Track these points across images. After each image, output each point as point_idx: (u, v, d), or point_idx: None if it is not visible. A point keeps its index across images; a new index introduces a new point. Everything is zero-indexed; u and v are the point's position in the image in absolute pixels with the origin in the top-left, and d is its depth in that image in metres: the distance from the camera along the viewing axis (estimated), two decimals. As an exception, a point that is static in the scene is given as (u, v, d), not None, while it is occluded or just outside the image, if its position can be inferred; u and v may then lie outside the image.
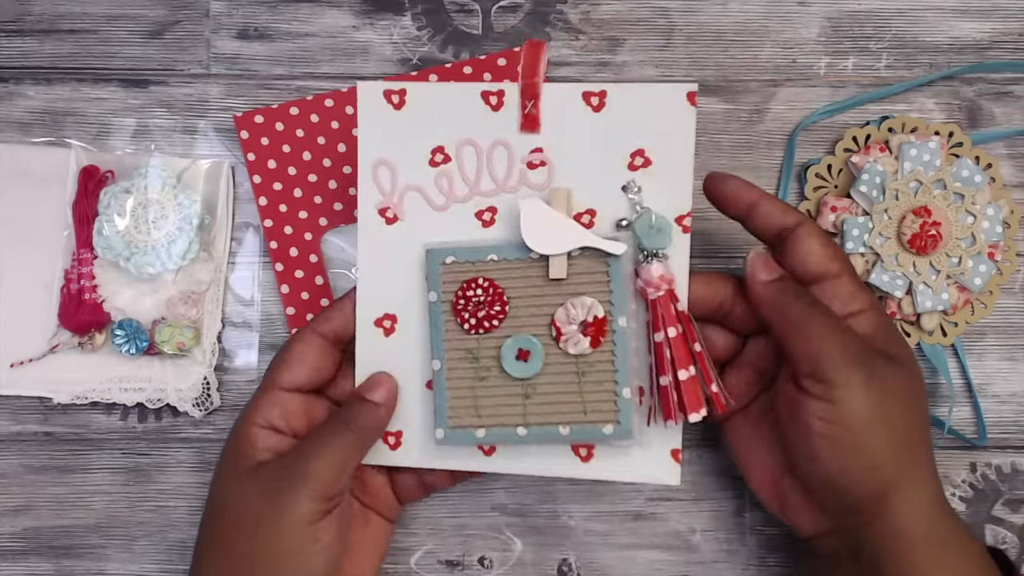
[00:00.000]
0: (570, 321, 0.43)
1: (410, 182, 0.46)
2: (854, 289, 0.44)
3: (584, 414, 0.43)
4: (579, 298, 0.43)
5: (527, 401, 0.44)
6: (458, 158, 0.45)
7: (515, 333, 0.44)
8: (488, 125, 0.45)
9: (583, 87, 0.44)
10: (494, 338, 0.44)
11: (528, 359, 0.43)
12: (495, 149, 0.45)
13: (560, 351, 0.43)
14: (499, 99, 0.44)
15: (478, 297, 0.43)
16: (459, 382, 0.44)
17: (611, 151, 0.44)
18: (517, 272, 0.43)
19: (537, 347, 0.43)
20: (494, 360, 0.44)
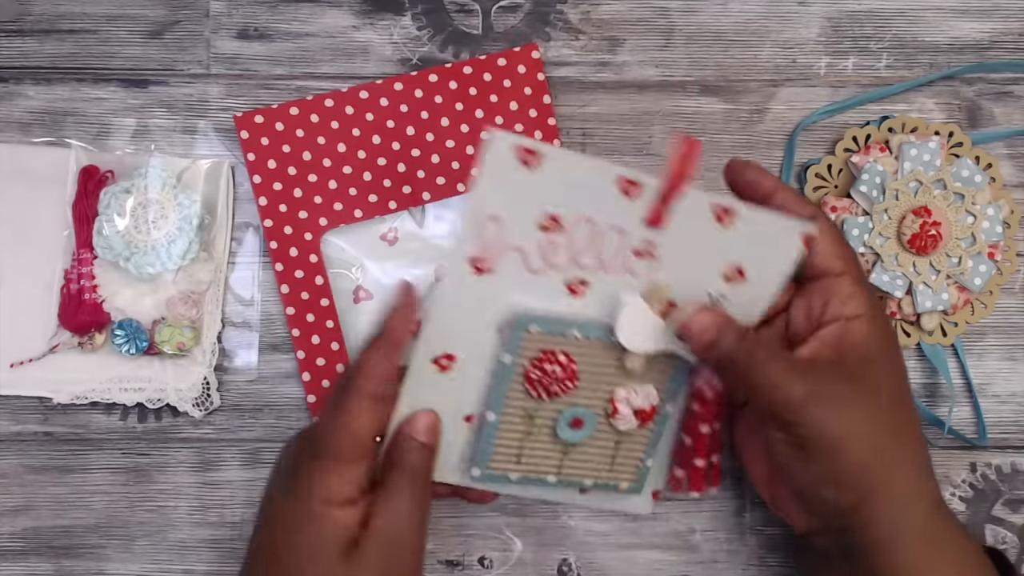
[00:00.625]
0: (629, 404, 0.44)
1: (515, 242, 0.42)
2: (854, 291, 0.44)
3: (609, 471, 0.46)
4: (644, 387, 0.44)
5: (564, 457, 0.45)
6: (571, 231, 0.42)
7: (575, 403, 0.44)
8: (614, 210, 0.42)
9: (715, 199, 0.43)
10: (554, 404, 0.44)
11: (581, 427, 0.44)
12: (611, 232, 0.43)
13: (609, 424, 0.45)
14: (636, 190, 0.42)
15: (555, 372, 0.43)
16: (508, 435, 0.44)
17: (715, 260, 0.44)
18: (594, 350, 0.43)
19: (591, 419, 0.44)
20: (548, 422, 0.44)
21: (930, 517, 0.43)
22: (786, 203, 0.44)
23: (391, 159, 0.53)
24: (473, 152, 0.53)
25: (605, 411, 0.44)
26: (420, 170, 0.53)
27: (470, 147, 0.53)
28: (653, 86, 0.54)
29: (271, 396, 0.54)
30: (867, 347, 0.43)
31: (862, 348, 0.43)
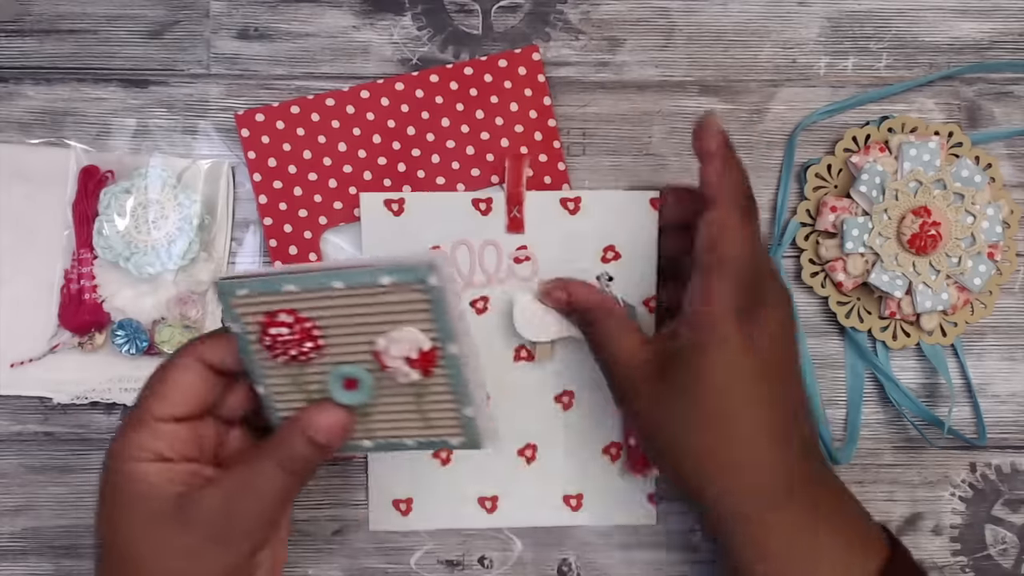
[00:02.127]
0: (392, 355, 0.39)
1: None
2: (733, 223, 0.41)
3: (427, 428, 0.41)
4: (400, 329, 0.38)
5: (367, 419, 0.41)
6: (453, 256, 0.52)
7: (337, 362, 0.40)
8: (479, 228, 0.52)
9: (560, 194, 0.52)
10: (315, 367, 0.40)
11: (357, 387, 0.40)
12: (486, 248, 0.52)
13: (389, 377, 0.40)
14: (488, 206, 0.52)
15: (283, 336, 0.39)
16: (289, 403, 0.41)
17: (586, 247, 0.52)
18: (323, 303, 0.39)
19: (365, 376, 0.40)
20: (322, 388, 0.40)
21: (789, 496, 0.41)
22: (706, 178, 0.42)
23: (391, 159, 0.53)
24: (474, 153, 0.53)
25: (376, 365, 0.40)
26: (420, 170, 0.53)
27: (470, 148, 0.53)
28: (653, 86, 0.54)
29: (271, 396, 0.53)
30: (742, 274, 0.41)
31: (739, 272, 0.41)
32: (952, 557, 0.54)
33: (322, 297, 0.38)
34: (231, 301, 0.39)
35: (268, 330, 0.39)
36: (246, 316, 0.39)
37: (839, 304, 0.53)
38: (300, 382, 0.40)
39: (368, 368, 0.39)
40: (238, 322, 0.39)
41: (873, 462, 0.54)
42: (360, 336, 0.39)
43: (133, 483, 0.39)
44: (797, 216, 0.53)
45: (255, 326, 0.39)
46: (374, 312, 0.38)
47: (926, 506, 0.54)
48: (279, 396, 0.41)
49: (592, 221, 0.52)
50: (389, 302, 0.38)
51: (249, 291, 0.39)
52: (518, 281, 0.52)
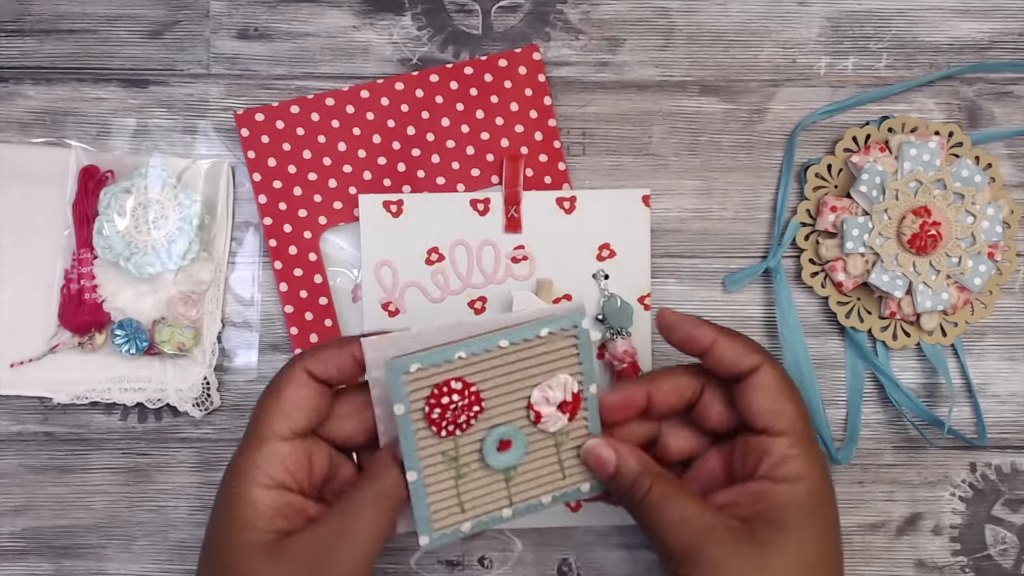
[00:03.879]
0: (549, 403, 0.42)
1: (409, 279, 0.52)
2: (791, 454, 0.41)
3: (563, 479, 0.43)
4: (554, 377, 0.41)
5: (510, 484, 0.42)
6: (451, 257, 0.52)
7: (492, 425, 0.41)
8: (477, 228, 0.52)
9: (556, 194, 0.52)
10: (471, 435, 0.41)
11: (511, 448, 0.42)
12: (483, 248, 0.52)
13: (540, 431, 0.42)
14: (485, 206, 0.52)
15: (454, 404, 0.40)
16: (439, 486, 0.41)
17: (582, 246, 0.53)
18: (487, 364, 0.40)
19: (518, 435, 0.42)
20: (474, 455, 0.41)
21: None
22: (724, 356, 0.42)
23: (391, 158, 0.53)
24: (474, 153, 0.53)
25: (529, 419, 0.42)
26: (420, 170, 0.53)
27: (471, 148, 0.53)
28: (653, 86, 0.54)
29: (271, 396, 0.53)
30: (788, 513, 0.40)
31: (782, 513, 0.40)
32: (952, 557, 0.54)
33: (487, 359, 0.40)
34: (402, 379, 0.39)
35: (440, 400, 0.40)
36: (415, 393, 0.40)
37: (839, 304, 0.53)
38: (453, 456, 0.41)
39: (520, 426, 0.41)
40: (405, 401, 0.40)
41: (873, 462, 0.54)
42: (516, 392, 0.41)
43: (244, 508, 0.39)
44: (797, 216, 0.53)
45: (420, 403, 0.40)
46: (531, 364, 0.41)
47: (926, 506, 0.54)
48: (431, 479, 0.41)
49: (587, 220, 0.53)
50: (544, 352, 0.41)
51: (421, 365, 0.39)
52: (514, 281, 0.53)
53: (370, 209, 0.53)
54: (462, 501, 0.41)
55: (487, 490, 0.42)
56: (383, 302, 0.53)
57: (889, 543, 0.54)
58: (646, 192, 0.53)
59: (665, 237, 0.54)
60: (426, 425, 0.40)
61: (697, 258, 0.54)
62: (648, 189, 0.53)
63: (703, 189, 0.54)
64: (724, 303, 0.54)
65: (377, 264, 0.53)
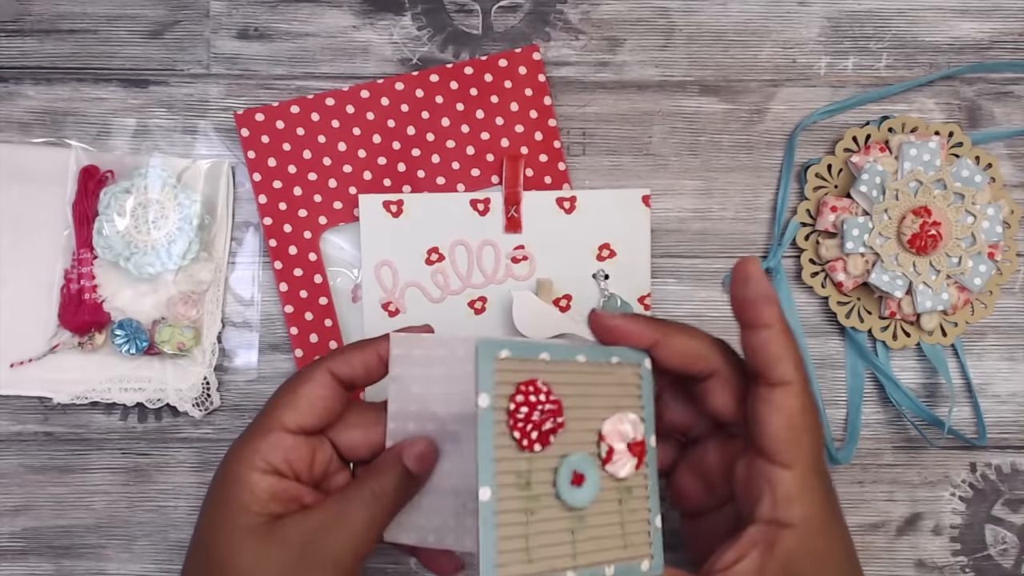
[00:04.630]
0: (621, 439, 0.37)
1: (409, 279, 0.52)
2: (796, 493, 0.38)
3: (624, 548, 0.37)
4: (624, 413, 0.37)
5: (575, 537, 0.36)
6: (451, 257, 0.52)
7: (567, 451, 0.36)
8: (477, 228, 0.52)
9: (556, 194, 0.52)
10: (545, 458, 0.35)
11: (583, 484, 0.36)
12: (483, 248, 0.52)
13: (608, 474, 0.37)
14: (485, 206, 0.52)
15: (542, 404, 0.35)
16: (510, 516, 0.34)
17: (582, 246, 0.53)
18: (567, 377, 0.36)
19: (592, 472, 0.36)
20: (546, 486, 0.35)
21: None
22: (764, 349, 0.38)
23: (391, 158, 0.53)
24: (474, 153, 0.53)
25: (599, 455, 0.37)
26: (420, 170, 0.53)
27: (471, 148, 0.53)
28: (653, 86, 0.54)
29: (271, 396, 0.53)
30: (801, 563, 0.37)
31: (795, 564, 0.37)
32: (952, 557, 0.54)
33: (567, 370, 0.36)
34: (492, 365, 0.34)
35: (529, 398, 0.35)
36: (500, 384, 0.34)
37: (839, 304, 0.53)
38: (527, 480, 0.35)
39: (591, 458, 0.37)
40: (490, 391, 0.34)
41: (873, 462, 0.54)
42: (588, 419, 0.37)
43: (241, 490, 0.39)
44: (797, 216, 0.53)
45: (504, 399, 0.35)
46: (601, 391, 0.37)
47: (926, 506, 0.54)
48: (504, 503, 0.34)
49: (587, 220, 0.53)
50: (612, 382, 0.38)
51: (511, 353, 0.35)
52: (514, 281, 0.53)
53: (370, 209, 0.53)
54: (529, 546, 0.35)
55: (553, 539, 0.36)
56: (383, 302, 0.53)
57: (889, 543, 0.54)
58: (646, 192, 0.53)
59: (665, 237, 0.54)
60: (507, 431, 0.34)
61: (697, 258, 0.54)
62: (648, 189, 0.53)
63: (703, 189, 0.54)
64: (724, 303, 0.54)
65: (377, 264, 0.53)
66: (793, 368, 0.38)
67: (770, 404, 0.38)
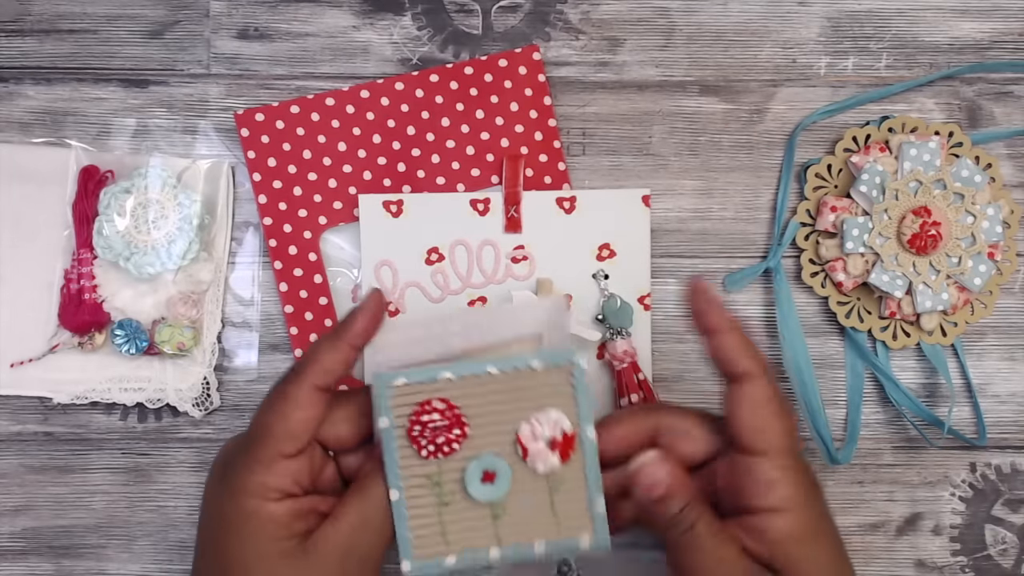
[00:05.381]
0: (536, 438, 0.40)
1: (409, 279, 0.52)
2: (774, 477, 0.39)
3: (558, 527, 0.41)
4: (544, 412, 0.40)
5: (497, 522, 0.41)
6: (451, 257, 0.52)
7: (477, 454, 0.40)
8: (477, 228, 0.53)
9: (556, 194, 0.53)
10: (455, 461, 0.40)
11: (495, 481, 0.40)
12: (483, 248, 0.52)
13: (527, 468, 0.40)
14: (485, 206, 0.53)
15: (434, 422, 0.40)
16: (421, 510, 0.40)
17: (582, 246, 0.53)
18: (475, 389, 0.40)
19: (504, 468, 0.40)
20: (457, 484, 0.40)
21: None
22: (724, 349, 0.40)
23: (391, 158, 0.53)
24: (474, 153, 0.53)
25: (517, 454, 0.40)
26: (420, 170, 0.53)
27: (471, 148, 0.53)
28: (653, 86, 0.54)
29: (271, 396, 0.53)
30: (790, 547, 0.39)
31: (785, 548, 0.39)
32: (952, 557, 0.54)
33: (474, 383, 0.40)
34: (388, 392, 0.40)
35: (420, 418, 0.40)
36: (398, 408, 0.40)
37: (839, 304, 0.53)
38: (436, 481, 0.40)
39: (508, 460, 0.40)
40: (389, 415, 0.40)
41: (873, 462, 0.54)
42: (503, 423, 0.40)
43: (263, 522, 0.39)
44: (797, 216, 0.53)
45: (403, 419, 0.40)
46: (520, 396, 0.40)
47: (926, 506, 0.54)
48: (413, 500, 0.40)
49: (587, 220, 0.53)
50: (535, 385, 0.40)
51: (407, 380, 0.40)
52: (514, 281, 0.53)
53: (370, 209, 0.53)
54: (445, 531, 0.40)
55: (471, 524, 0.40)
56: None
57: (889, 543, 0.54)
58: (646, 192, 0.53)
59: (665, 237, 0.54)
60: (408, 443, 0.40)
61: (697, 258, 0.54)
62: (648, 189, 0.53)
63: (703, 189, 0.54)
64: (724, 303, 0.54)
65: (377, 264, 0.53)
66: (751, 361, 0.40)
67: (737, 397, 0.40)
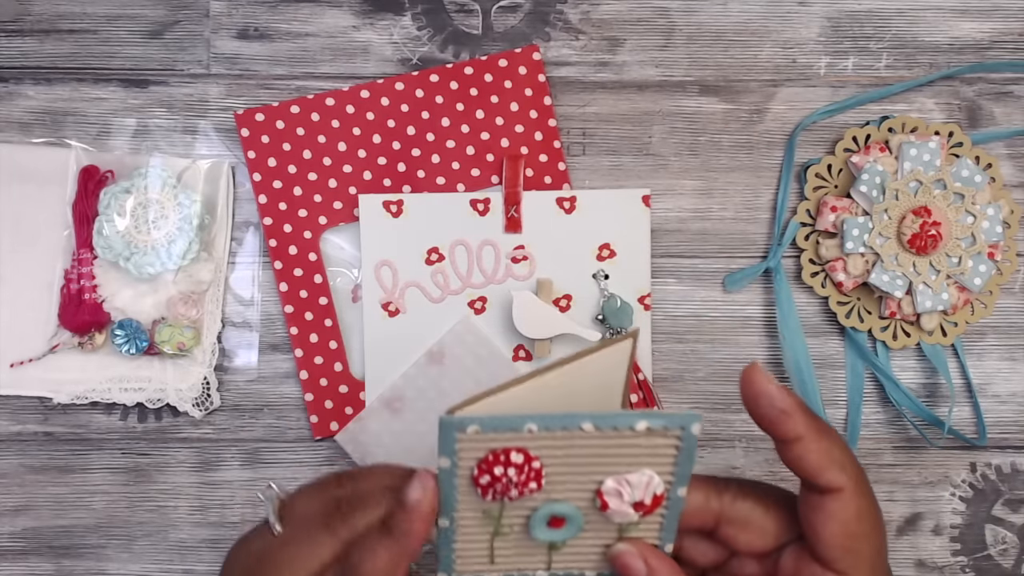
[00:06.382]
0: (623, 499, 0.35)
1: (409, 279, 0.53)
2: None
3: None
4: (638, 473, 0.35)
5: (553, 552, 0.37)
6: (451, 257, 0.53)
7: (549, 499, 0.35)
8: (477, 228, 0.53)
9: (556, 194, 0.53)
10: (523, 503, 0.35)
11: (563, 526, 0.36)
12: (483, 248, 0.53)
13: (601, 516, 0.36)
14: (485, 206, 0.53)
15: (508, 477, 0.34)
16: (471, 536, 0.36)
17: (582, 246, 0.53)
18: (560, 443, 0.34)
19: (575, 515, 0.36)
20: (519, 521, 0.36)
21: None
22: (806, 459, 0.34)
23: (391, 158, 0.53)
24: (474, 153, 0.53)
25: (593, 503, 0.36)
26: (420, 170, 0.53)
27: (471, 148, 0.53)
28: (653, 86, 0.54)
29: (271, 396, 0.53)
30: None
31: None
32: (952, 557, 0.54)
33: (562, 438, 0.34)
34: (457, 437, 0.34)
35: (493, 469, 0.34)
36: (465, 452, 0.34)
37: (839, 304, 0.53)
38: (495, 516, 0.36)
39: (580, 506, 0.36)
40: (453, 458, 0.34)
41: (873, 462, 0.54)
42: (587, 476, 0.35)
43: None
44: (797, 216, 0.53)
45: (469, 464, 0.34)
46: (612, 455, 0.35)
47: (926, 506, 0.54)
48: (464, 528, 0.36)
49: (587, 220, 0.53)
50: (635, 445, 0.34)
51: (480, 428, 0.34)
52: (514, 281, 0.53)
53: (370, 209, 0.53)
54: (494, 555, 0.37)
55: (525, 551, 0.37)
56: (383, 302, 0.53)
57: (889, 543, 0.54)
58: (646, 192, 0.53)
59: (665, 237, 0.54)
60: (470, 485, 0.35)
61: (697, 258, 0.54)
62: (648, 189, 0.53)
63: (703, 189, 0.54)
64: (724, 303, 0.54)
65: (377, 264, 0.53)
66: (840, 472, 0.35)
67: (823, 512, 0.35)
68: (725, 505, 0.36)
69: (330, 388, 0.53)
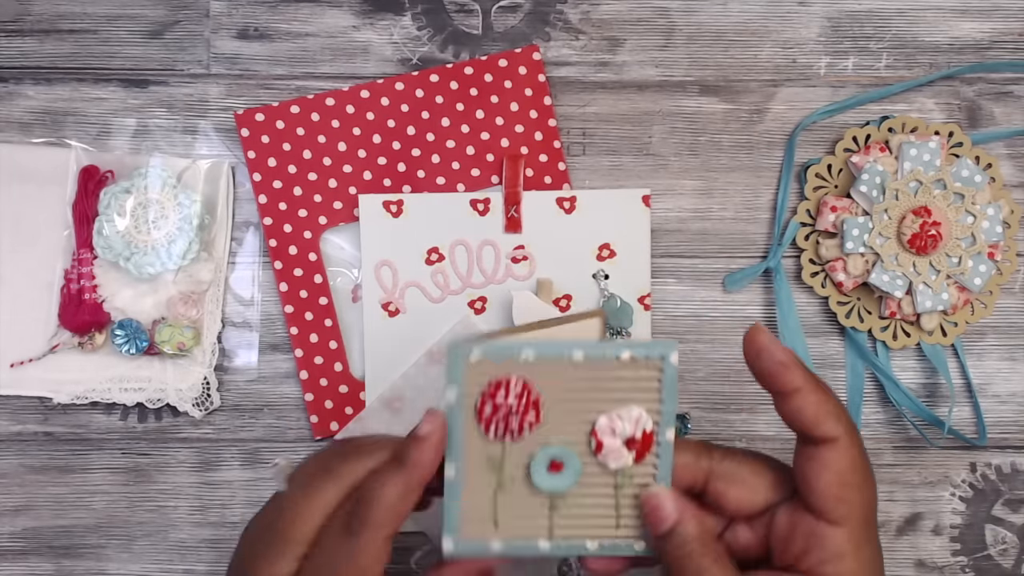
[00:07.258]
0: (614, 434, 0.37)
1: (409, 279, 0.53)
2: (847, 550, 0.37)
3: (616, 528, 0.38)
4: (627, 408, 0.37)
5: (554, 513, 0.38)
6: (451, 257, 0.53)
7: (547, 441, 0.37)
8: (477, 228, 0.53)
9: (556, 194, 0.53)
10: (522, 446, 0.37)
11: (562, 471, 0.37)
12: (483, 248, 0.53)
13: (598, 463, 0.38)
14: (485, 206, 0.53)
15: (508, 405, 0.37)
16: (476, 490, 0.37)
17: (582, 246, 0.53)
18: (554, 373, 0.37)
19: (573, 459, 0.37)
20: (521, 469, 0.37)
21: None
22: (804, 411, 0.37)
23: (391, 158, 0.53)
24: (474, 153, 0.53)
25: (590, 448, 0.37)
26: (420, 170, 0.53)
27: (471, 148, 0.53)
28: (653, 86, 0.54)
29: (271, 396, 0.54)
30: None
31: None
32: (952, 557, 0.54)
33: (556, 368, 0.37)
34: (462, 364, 0.36)
35: (495, 397, 0.37)
36: (470, 382, 0.36)
37: (839, 304, 0.53)
38: (498, 463, 0.37)
39: (578, 452, 0.37)
40: (459, 388, 0.36)
41: (873, 462, 0.53)
42: (579, 412, 0.37)
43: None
44: (797, 216, 0.53)
45: (474, 395, 0.37)
46: (602, 387, 0.37)
47: (926, 506, 0.54)
48: (470, 478, 0.37)
49: (587, 220, 0.53)
50: (620, 377, 0.37)
51: (484, 355, 0.36)
52: (514, 281, 0.53)
53: (370, 209, 0.53)
54: (496, 516, 0.38)
55: (526, 512, 0.38)
56: (383, 302, 0.53)
57: (889, 543, 0.54)
58: (646, 192, 0.53)
59: (665, 237, 0.54)
60: (476, 423, 0.37)
61: (697, 258, 0.54)
62: (648, 189, 0.53)
63: (703, 189, 0.54)
64: (724, 303, 0.54)
65: (377, 264, 0.53)
66: (835, 422, 0.37)
67: (817, 462, 0.37)
68: (715, 463, 0.38)
69: (330, 388, 0.53)
